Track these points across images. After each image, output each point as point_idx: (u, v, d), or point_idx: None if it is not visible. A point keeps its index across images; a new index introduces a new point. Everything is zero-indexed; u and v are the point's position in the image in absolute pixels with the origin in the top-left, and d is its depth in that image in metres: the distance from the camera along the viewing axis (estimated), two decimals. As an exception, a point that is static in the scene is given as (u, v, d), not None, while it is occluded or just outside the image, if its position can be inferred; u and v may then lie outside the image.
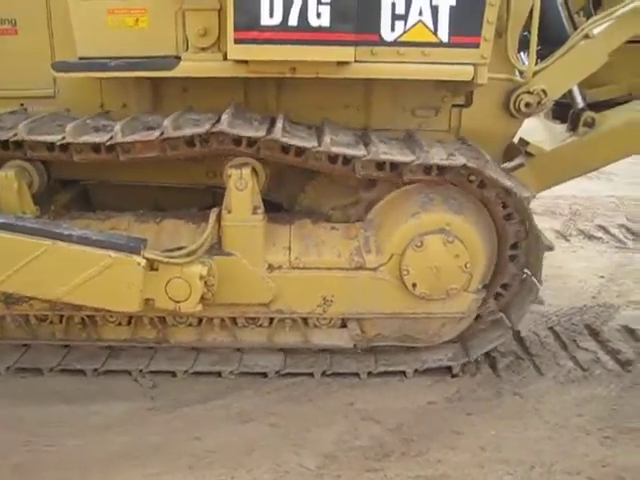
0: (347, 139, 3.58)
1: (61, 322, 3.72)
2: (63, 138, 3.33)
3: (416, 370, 3.74)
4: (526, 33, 3.79)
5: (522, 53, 4.05)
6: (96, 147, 3.39)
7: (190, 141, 3.40)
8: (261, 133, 3.35)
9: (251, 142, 3.39)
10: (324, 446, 3.18)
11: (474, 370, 3.81)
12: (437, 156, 3.41)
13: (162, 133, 3.32)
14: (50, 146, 3.40)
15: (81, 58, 3.52)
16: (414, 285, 3.52)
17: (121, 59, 3.46)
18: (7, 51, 3.81)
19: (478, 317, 3.83)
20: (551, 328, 4.37)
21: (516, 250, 3.68)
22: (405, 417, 3.41)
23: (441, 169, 3.44)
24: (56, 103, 3.88)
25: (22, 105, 3.88)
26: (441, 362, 3.77)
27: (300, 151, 3.40)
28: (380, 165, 3.45)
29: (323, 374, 3.72)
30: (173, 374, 3.71)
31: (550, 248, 3.53)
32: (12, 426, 3.29)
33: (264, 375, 3.71)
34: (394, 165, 3.44)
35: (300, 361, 3.78)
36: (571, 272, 5.36)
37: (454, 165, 3.37)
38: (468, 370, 3.80)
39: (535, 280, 3.66)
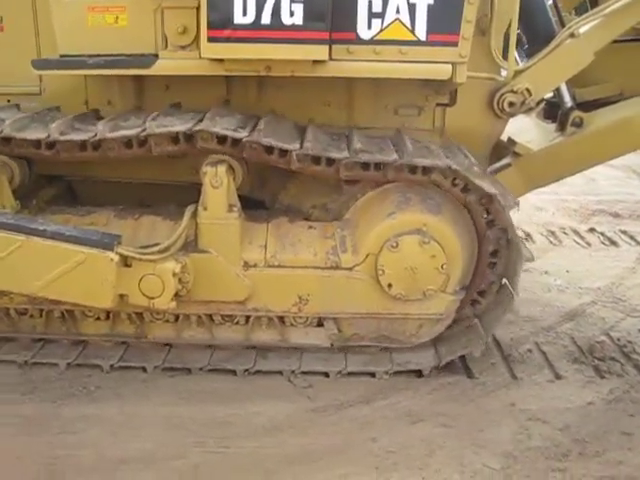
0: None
1: (41, 316, 3.75)
2: None
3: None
4: (518, 31, 3.74)
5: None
6: None
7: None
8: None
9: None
10: (501, 446, 3.14)
11: (620, 371, 3.77)
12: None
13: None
14: None
15: (62, 56, 3.54)
16: (390, 285, 3.49)
17: (100, 57, 3.48)
18: None
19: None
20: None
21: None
22: (570, 417, 3.37)
23: None
24: (42, 100, 3.93)
25: (9, 102, 3.93)
26: None
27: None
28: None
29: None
30: (325, 374, 3.67)
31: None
32: (178, 426, 3.26)
33: (418, 374, 3.69)
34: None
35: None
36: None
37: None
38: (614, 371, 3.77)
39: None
